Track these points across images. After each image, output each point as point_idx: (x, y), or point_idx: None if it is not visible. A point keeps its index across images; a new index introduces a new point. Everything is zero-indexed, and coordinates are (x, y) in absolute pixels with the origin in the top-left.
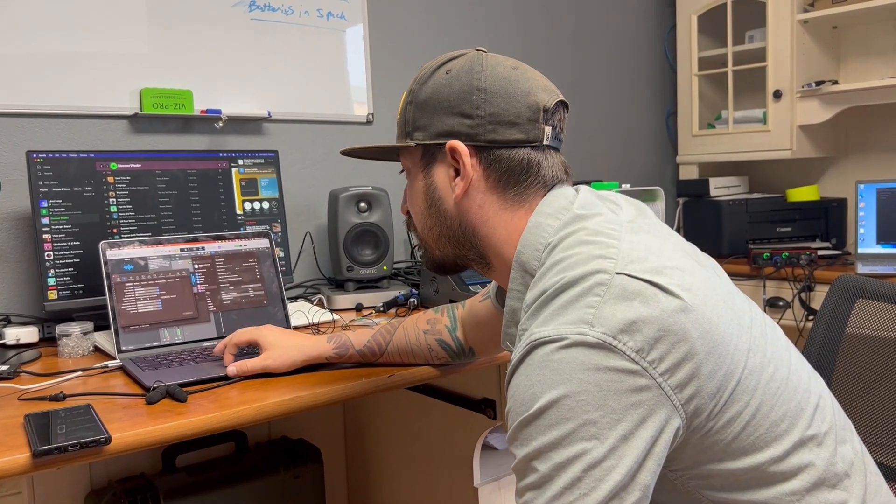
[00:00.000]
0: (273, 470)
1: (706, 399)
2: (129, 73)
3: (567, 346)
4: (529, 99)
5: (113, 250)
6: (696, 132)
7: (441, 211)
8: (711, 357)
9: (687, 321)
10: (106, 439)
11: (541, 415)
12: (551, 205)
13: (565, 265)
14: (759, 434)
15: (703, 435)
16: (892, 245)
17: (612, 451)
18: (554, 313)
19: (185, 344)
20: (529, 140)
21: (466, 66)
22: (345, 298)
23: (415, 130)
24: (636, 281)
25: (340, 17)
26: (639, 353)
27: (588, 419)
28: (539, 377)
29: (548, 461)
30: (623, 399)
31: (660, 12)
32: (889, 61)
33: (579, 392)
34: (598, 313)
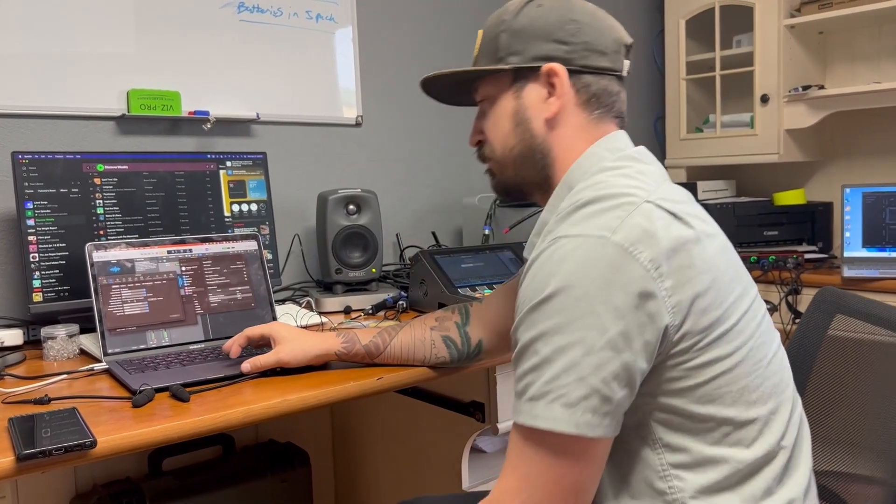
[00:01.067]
0: (260, 473)
1: (695, 330)
2: (117, 74)
3: (586, 244)
4: (615, 33)
5: (99, 252)
6: (684, 136)
7: (528, 130)
8: (709, 294)
9: (697, 253)
10: (91, 443)
11: (549, 300)
12: (612, 141)
13: (602, 185)
14: (729, 390)
15: (681, 364)
16: (878, 249)
17: (612, 343)
18: (582, 218)
19: (172, 347)
20: (615, 69)
21: (558, 2)
22: (333, 301)
23: (509, 55)
24: (661, 210)
25: (330, 19)
26: (651, 262)
27: (593, 310)
28: (554, 268)
29: (549, 344)
30: (629, 300)
31: (648, 17)
32: (874, 66)
33: (589, 285)
34: (622, 224)
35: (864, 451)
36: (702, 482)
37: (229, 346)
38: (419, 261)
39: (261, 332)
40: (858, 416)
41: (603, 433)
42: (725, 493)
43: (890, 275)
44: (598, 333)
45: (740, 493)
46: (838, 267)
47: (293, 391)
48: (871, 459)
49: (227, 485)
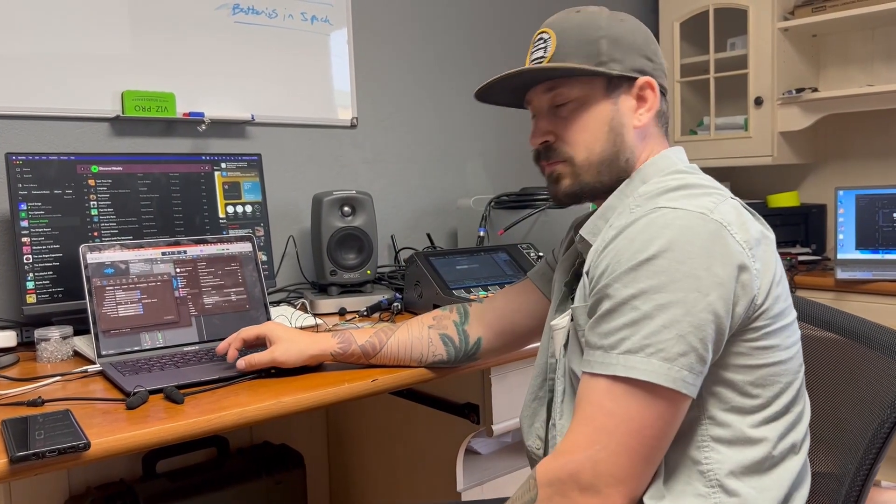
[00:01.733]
0: (255, 475)
1: (769, 314)
2: (111, 75)
3: (689, 216)
4: (661, 59)
5: (93, 254)
6: (678, 138)
7: (621, 136)
8: (781, 285)
9: (771, 250)
10: (85, 445)
11: (652, 260)
12: (678, 153)
13: (687, 180)
14: (779, 380)
15: (750, 342)
16: (871, 251)
17: (710, 307)
18: (680, 197)
19: (166, 348)
20: (664, 91)
21: (636, 21)
22: (328, 303)
23: (611, 62)
24: (741, 207)
25: (325, 20)
26: (746, 242)
27: (694, 274)
28: (657, 232)
29: (650, 301)
30: (728, 270)
31: (642, 19)
32: (867, 69)
33: (692, 250)
34: (717, 207)
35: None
36: (738, 459)
37: (224, 348)
38: (414, 262)
39: (256, 332)
40: (813, 413)
41: (692, 392)
42: (756, 476)
43: (883, 277)
44: (700, 296)
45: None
46: (832, 269)
47: (287, 393)
48: (825, 454)
49: (221, 486)
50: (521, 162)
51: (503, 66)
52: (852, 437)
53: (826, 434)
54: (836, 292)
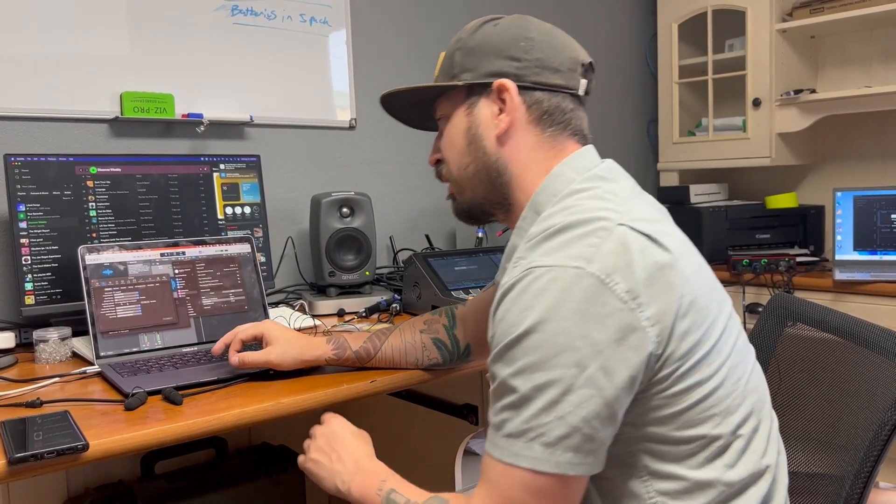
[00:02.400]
0: (253, 476)
1: (677, 357)
2: (110, 77)
3: (562, 275)
4: (570, 52)
5: (92, 255)
6: (676, 139)
7: (481, 147)
8: (689, 317)
9: (674, 276)
10: (83, 446)
11: (527, 336)
12: (578, 160)
13: (572, 210)
14: (712, 413)
15: (663, 391)
16: (869, 252)
17: (591, 380)
18: (556, 247)
19: (164, 349)
20: (569, 87)
21: (514, 20)
22: (327, 304)
23: (462, 72)
24: (636, 233)
25: (323, 22)
26: (628, 293)
27: (571, 346)
28: (530, 301)
29: (528, 382)
30: (608, 333)
31: (641, 20)
32: (865, 70)
33: (567, 320)
34: (597, 252)
35: (817, 448)
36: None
37: (220, 349)
38: (413, 263)
39: (253, 332)
40: (811, 415)
41: (585, 471)
42: None
43: (881, 278)
44: (578, 371)
45: None
46: (830, 270)
47: (286, 394)
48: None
49: (220, 488)
50: None
51: None
52: (851, 438)
53: (824, 435)
54: (835, 293)
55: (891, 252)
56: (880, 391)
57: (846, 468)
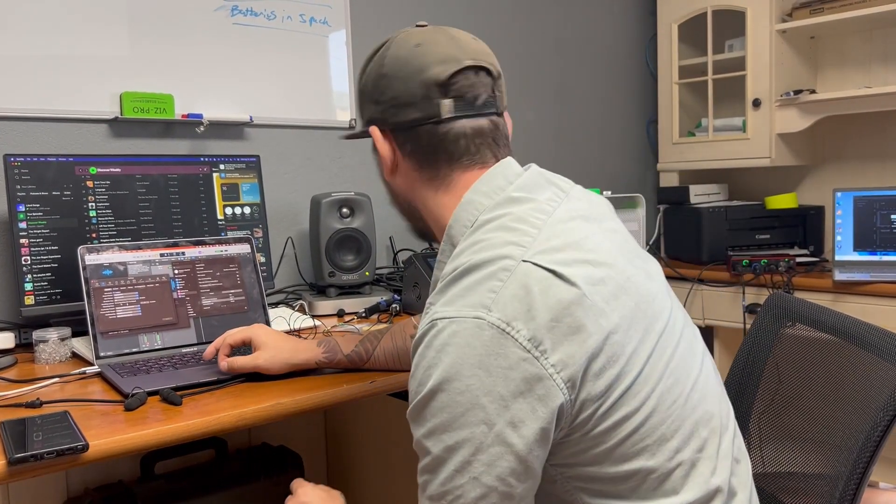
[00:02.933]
0: (253, 477)
1: (593, 397)
2: (110, 77)
3: (462, 329)
4: (422, 76)
5: (92, 255)
6: (676, 140)
7: (389, 188)
8: (603, 354)
9: (582, 314)
10: (83, 447)
11: (433, 397)
12: (488, 182)
13: (479, 247)
14: (645, 444)
15: (587, 434)
16: (869, 252)
17: (500, 436)
18: (458, 294)
19: (164, 350)
20: (428, 117)
21: (381, 54)
22: (326, 304)
23: (360, 117)
24: (540, 270)
25: (323, 22)
26: (531, 340)
27: (477, 404)
28: (434, 358)
29: (439, 443)
30: (512, 386)
31: (641, 21)
32: (865, 71)
33: (470, 377)
34: (497, 298)
35: (813, 448)
36: None
37: (211, 354)
38: (412, 264)
39: (241, 336)
40: (808, 415)
41: None
42: None
43: (881, 278)
44: (486, 428)
45: None
46: (829, 270)
47: (286, 394)
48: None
49: (219, 488)
50: (522, 163)
51: (503, 67)
52: (845, 438)
53: (819, 435)
54: (834, 294)
55: (891, 252)
56: (874, 392)
57: (841, 468)
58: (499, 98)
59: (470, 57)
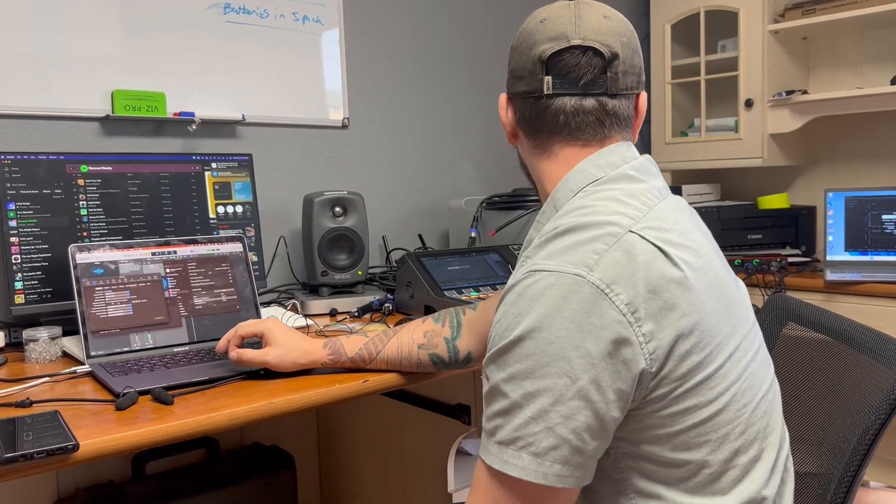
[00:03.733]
0: (245, 477)
1: (673, 377)
2: (101, 75)
3: (561, 282)
4: (533, 52)
5: (82, 254)
6: (669, 140)
7: (513, 145)
8: (692, 337)
9: (680, 294)
10: (73, 446)
11: (520, 342)
12: (604, 157)
13: (586, 211)
14: (709, 438)
15: (658, 411)
16: (860, 252)
17: (582, 392)
18: (561, 250)
19: (156, 349)
20: (531, 91)
21: (528, 21)
22: (319, 303)
23: None
24: (646, 242)
25: (316, 20)
26: (628, 305)
27: (564, 356)
28: (526, 306)
29: (519, 389)
30: (602, 347)
31: (634, 21)
32: (857, 72)
33: (560, 329)
34: (600, 260)
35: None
36: None
37: (223, 347)
38: (405, 263)
39: (254, 329)
40: (805, 416)
41: (573, 484)
42: None
43: (872, 278)
44: (570, 381)
45: None
46: (821, 270)
47: (278, 394)
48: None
49: (211, 488)
50: (513, 163)
51: (495, 68)
52: (839, 439)
53: (813, 435)
54: (826, 294)
55: (881, 252)
56: (868, 394)
57: (834, 468)
58: (611, 79)
59: (580, 37)
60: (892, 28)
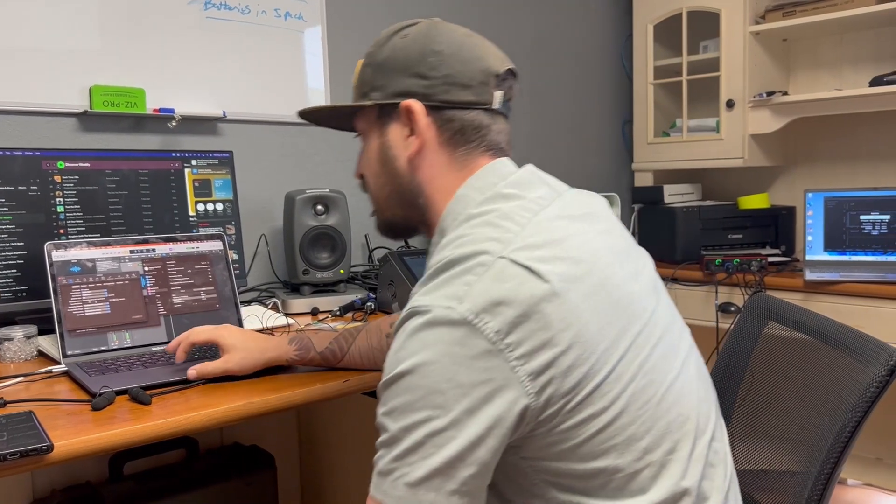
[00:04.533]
0: (225, 477)
1: (560, 394)
2: (79, 70)
3: (433, 319)
4: (482, 63)
5: (59, 251)
6: (651, 140)
7: (394, 169)
8: (572, 351)
9: (553, 311)
10: (48, 447)
11: (399, 379)
12: (482, 178)
13: (462, 241)
14: (613, 443)
15: (554, 429)
16: (839, 252)
17: (455, 422)
18: (436, 285)
19: (133, 348)
20: (481, 102)
21: (423, 31)
22: (300, 302)
23: (372, 91)
24: (515, 266)
25: (298, 17)
26: (497, 333)
27: (437, 389)
28: (404, 343)
29: (397, 422)
30: (473, 375)
31: (617, 21)
32: (836, 73)
33: (433, 363)
34: (470, 291)
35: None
36: None
37: (173, 349)
38: (388, 262)
39: (206, 338)
40: (785, 414)
41: None
42: None
43: (850, 278)
44: (443, 412)
45: None
46: (801, 270)
47: (258, 394)
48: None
49: (190, 488)
50: None
51: None
52: (817, 437)
53: (793, 433)
54: (805, 293)
55: (859, 252)
56: (845, 392)
57: (812, 466)
58: None
59: (509, 61)
60: (870, 30)
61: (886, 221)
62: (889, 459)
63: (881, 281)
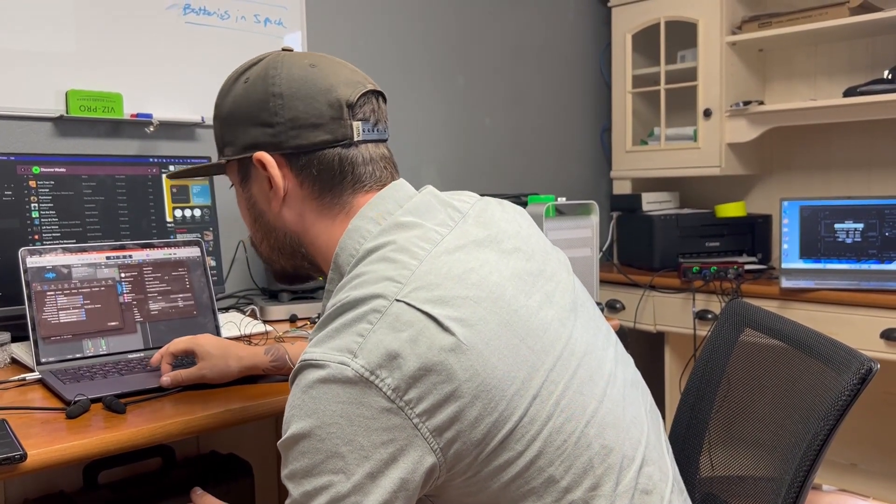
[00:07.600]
0: (202, 485)
1: (470, 446)
2: (55, 74)
3: (327, 375)
4: (330, 96)
5: (33, 257)
6: (629, 148)
7: (265, 224)
8: (479, 401)
9: (455, 361)
10: (20, 456)
11: (296, 441)
12: (376, 207)
13: (358, 282)
14: (531, 487)
15: (468, 479)
16: (814, 260)
17: (358, 487)
18: (328, 335)
19: (109, 356)
20: (337, 139)
21: (262, 73)
22: (278, 309)
23: (224, 146)
24: (413, 311)
25: (278, 23)
26: (395, 390)
27: (336, 453)
28: (299, 402)
29: (299, 487)
30: (373, 437)
31: (596, 30)
32: (811, 83)
33: (330, 425)
34: (364, 343)
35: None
36: None
37: (157, 362)
38: None
39: (184, 346)
40: (761, 421)
41: None
42: None
43: (825, 286)
44: (345, 477)
45: None
46: (777, 278)
47: (235, 402)
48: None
49: (166, 497)
50: (478, 169)
51: (459, 72)
52: (791, 443)
53: (767, 439)
54: (781, 300)
55: (834, 260)
56: (818, 399)
57: (784, 472)
58: (388, 125)
59: (369, 81)
60: (844, 42)
61: (860, 230)
62: (863, 465)
63: (855, 289)
